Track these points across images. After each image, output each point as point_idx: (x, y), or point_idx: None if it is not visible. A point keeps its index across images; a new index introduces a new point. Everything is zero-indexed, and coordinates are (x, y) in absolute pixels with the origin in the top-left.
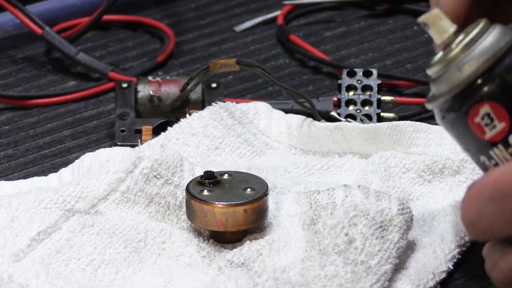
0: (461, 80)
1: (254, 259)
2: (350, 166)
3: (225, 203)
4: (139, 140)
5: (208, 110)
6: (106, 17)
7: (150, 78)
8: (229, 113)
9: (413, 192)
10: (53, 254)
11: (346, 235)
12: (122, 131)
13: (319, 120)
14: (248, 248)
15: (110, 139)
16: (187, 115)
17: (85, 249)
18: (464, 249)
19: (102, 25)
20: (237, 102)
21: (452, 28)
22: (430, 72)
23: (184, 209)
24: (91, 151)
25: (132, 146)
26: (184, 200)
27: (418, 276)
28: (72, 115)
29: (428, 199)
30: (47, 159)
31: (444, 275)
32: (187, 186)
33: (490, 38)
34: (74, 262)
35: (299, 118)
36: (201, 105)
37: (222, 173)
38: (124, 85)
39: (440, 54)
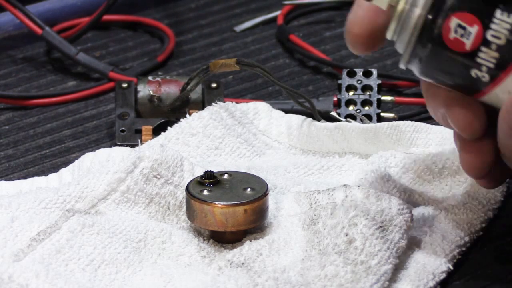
0: (422, 9)
1: (254, 259)
2: (350, 166)
3: (225, 203)
4: (139, 140)
5: (208, 110)
6: (106, 17)
7: (150, 78)
8: (229, 113)
9: (413, 192)
10: (53, 254)
11: (346, 235)
12: (122, 131)
13: (319, 120)
14: (248, 248)
15: (110, 139)
16: (187, 115)
17: (85, 249)
18: (464, 249)
19: (102, 25)
20: (237, 102)
21: None
22: (389, 35)
23: (184, 209)
24: (91, 151)
25: (132, 146)
26: (184, 200)
27: (418, 276)
28: (72, 115)
29: (428, 199)
30: (47, 159)
31: (444, 275)
32: (187, 186)
33: None
34: (74, 262)
35: (299, 118)
36: (201, 105)
37: (222, 173)
38: (124, 85)
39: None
